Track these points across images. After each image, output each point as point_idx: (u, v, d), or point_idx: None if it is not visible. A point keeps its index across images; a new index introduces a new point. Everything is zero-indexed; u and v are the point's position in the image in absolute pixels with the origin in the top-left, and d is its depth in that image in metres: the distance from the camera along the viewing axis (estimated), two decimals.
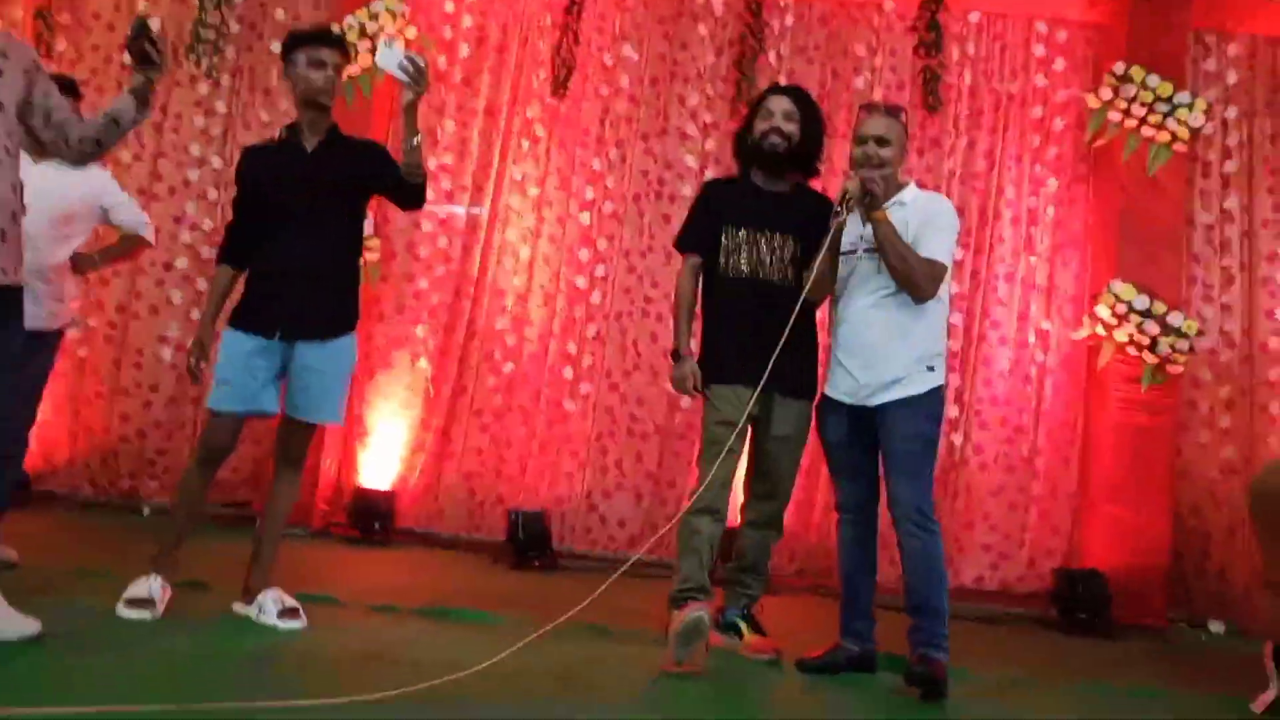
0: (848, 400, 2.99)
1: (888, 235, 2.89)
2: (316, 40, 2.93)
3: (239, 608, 2.84)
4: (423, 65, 2.75)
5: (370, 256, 4.90)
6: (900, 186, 3.05)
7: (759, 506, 3.23)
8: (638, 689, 2.60)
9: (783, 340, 2.89)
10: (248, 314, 2.88)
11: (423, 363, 5.20)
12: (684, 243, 3.32)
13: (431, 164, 5.31)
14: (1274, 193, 5.16)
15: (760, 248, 3.13)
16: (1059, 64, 5.29)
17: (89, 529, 4.46)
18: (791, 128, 3.16)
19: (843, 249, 3.03)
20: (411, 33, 5.17)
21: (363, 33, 5.10)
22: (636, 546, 4.97)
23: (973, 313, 5.15)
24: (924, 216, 2.97)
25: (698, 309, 3.28)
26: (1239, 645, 4.14)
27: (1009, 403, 5.10)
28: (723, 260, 3.17)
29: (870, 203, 2.90)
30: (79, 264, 3.42)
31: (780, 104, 3.19)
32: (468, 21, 5.45)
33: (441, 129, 5.36)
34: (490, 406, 5.17)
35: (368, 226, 4.78)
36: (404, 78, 2.73)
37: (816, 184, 3.45)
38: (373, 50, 4.90)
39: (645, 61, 5.38)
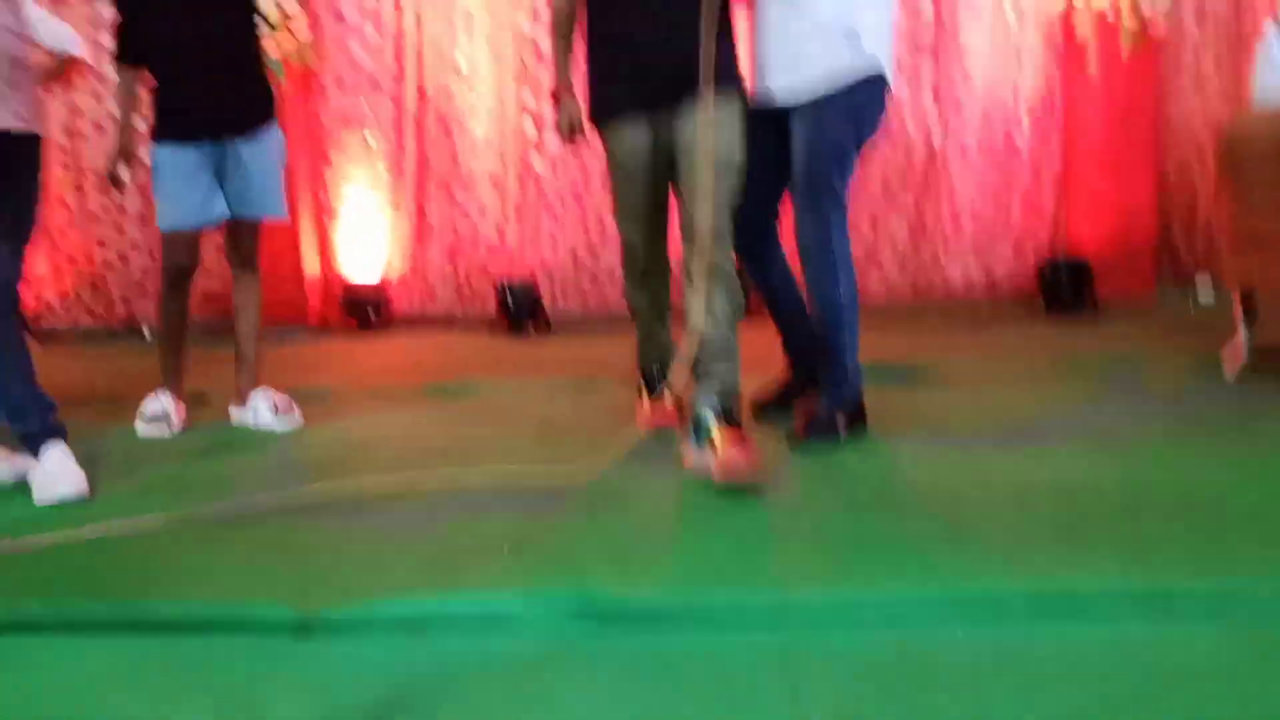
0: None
1: None
2: None
3: (235, 412, 2.92)
4: None
5: (300, 36, 4.62)
6: None
7: (688, 255, 2.31)
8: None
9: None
10: (170, 124, 2.76)
11: (371, 139, 5.00)
12: None
13: None
14: None
15: None
16: None
17: (97, 357, 4.52)
18: None
19: None
20: None
21: None
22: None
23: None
24: None
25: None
26: (1225, 304, 4.19)
27: (988, 86, 4.90)
28: None
29: None
30: None
31: None
32: None
33: None
34: (457, 176, 5.03)
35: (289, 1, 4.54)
36: None
37: None
38: None
39: None
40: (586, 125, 2.36)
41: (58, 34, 3.24)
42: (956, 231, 4.95)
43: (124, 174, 2.86)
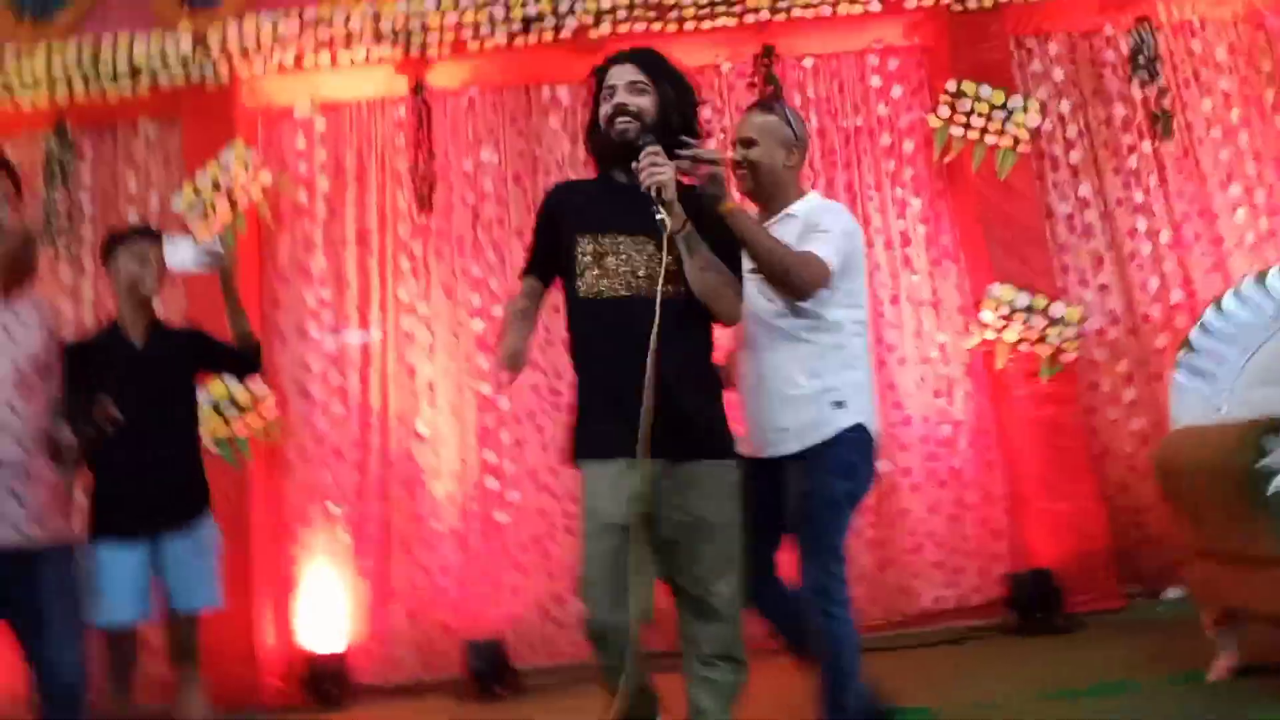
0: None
1: (741, 226, 2.34)
2: (136, 236, 3.03)
3: None
4: (217, 248, 2.92)
5: (267, 415, 4.78)
6: (800, 194, 2.71)
7: (698, 633, 2.26)
8: None
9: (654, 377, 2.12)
10: (105, 522, 2.85)
11: (333, 507, 5.04)
12: (528, 266, 2.50)
13: (310, 300, 5.25)
14: (1120, 172, 5.45)
15: (626, 258, 2.28)
16: (896, 90, 5.50)
17: None
18: (642, 101, 2.34)
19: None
20: (266, 177, 5.12)
21: (216, 186, 5.03)
22: None
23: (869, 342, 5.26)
24: (809, 222, 2.59)
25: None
26: (1194, 609, 4.24)
27: (925, 419, 5.20)
28: (578, 282, 2.32)
29: (713, 194, 2.33)
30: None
31: (622, 74, 2.38)
32: (322, 155, 5.41)
33: (314, 263, 5.29)
34: (419, 536, 5.03)
35: (259, 384, 4.73)
36: (203, 269, 2.91)
37: None
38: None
39: (505, 161, 5.42)
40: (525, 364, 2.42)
41: None
42: (919, 555, 5.01)
43: None
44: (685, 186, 2.32)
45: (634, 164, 2.22)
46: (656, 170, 2.18)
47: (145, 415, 2.81)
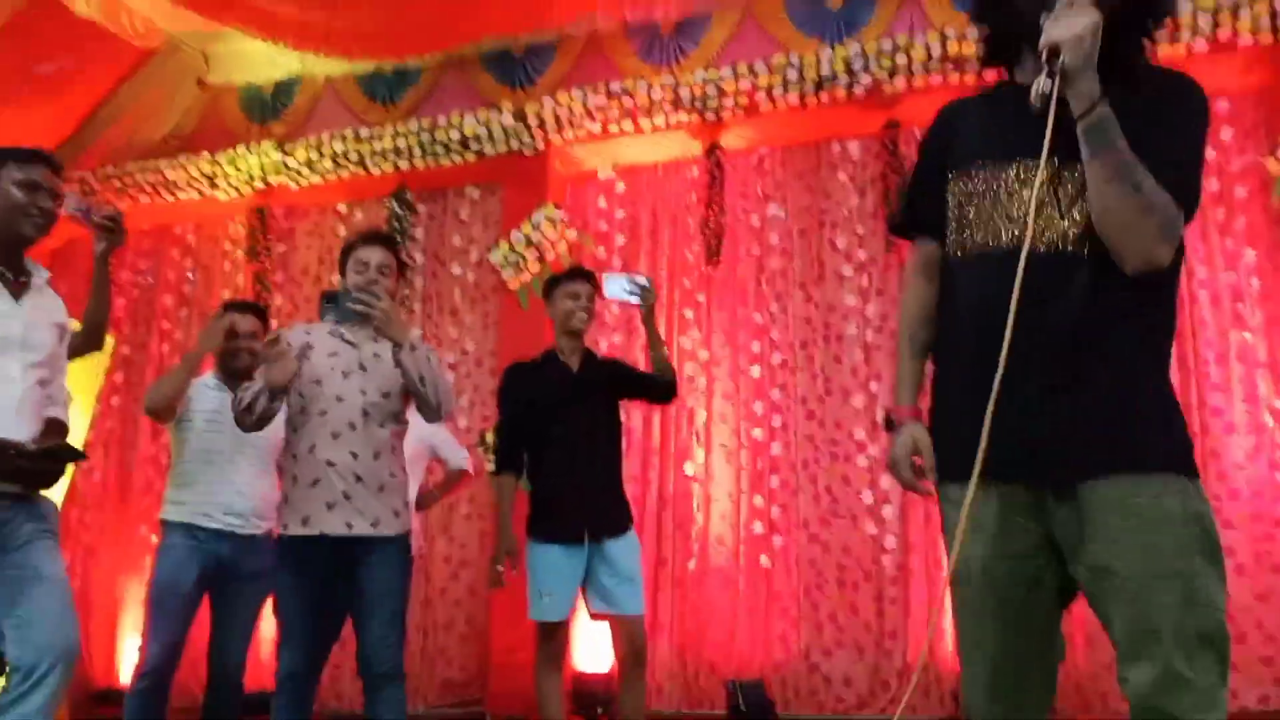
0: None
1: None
2: (572, 277, 3.46)
3: None
4: (644, 283, 3.27)
5: None
6: None
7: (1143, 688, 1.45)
8: None
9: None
10: (550, 525, 3.21)
11: None
12: (900, 221, 1.87)
13: (604, 344, 5.58)
14: None
15: (1017, 195, 1.58)
16: (1226, 133, 5.01)
17: None
18: None
19: None
20: (572, 234, 5.57)
21: (528, 243, 5.54)
22: (865, 707, 4.69)
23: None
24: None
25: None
26: None
27: (1257, 495, 4.56)
28: (953, 233, 1.68)
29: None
30: (422, 501, 3.97)
31: None
32: (620, 213, 5.82)
33: (609, 312, 5.64)
34: (688, 574, 5.12)
35: None
36: (632, 299, 3.28)
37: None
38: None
39: (792, 215, 5.52)
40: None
41: (458, 454, 3.99)
42: (1242, 645, 4.31)
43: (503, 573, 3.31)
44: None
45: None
46: (1070, 28, 1.45)
47: (581, 432, 3.25)
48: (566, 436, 3.20)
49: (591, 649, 5.08)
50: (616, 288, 3.25)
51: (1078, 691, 4.44)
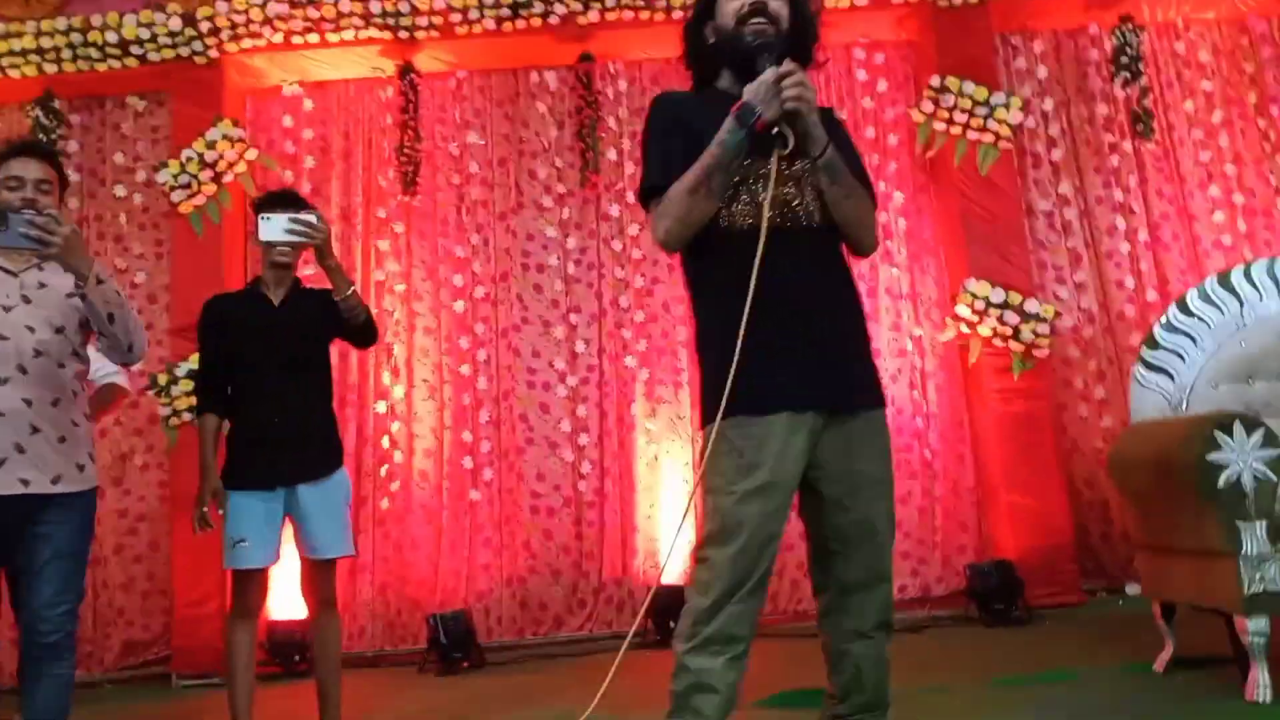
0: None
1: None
2: (281, 202, 3.10)
3: None
4: (313, 218, 2.92)
5: None
6: None
7: (858, 600, 2.05)
8: None
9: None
10: (244, 472, 3.00)
11: None
12: (652, 182, 2.07)
13: None
14: (1100, 171, 5.48)
15: (765, 180, 1.98)
16: (882, 84, 5.54)
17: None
18: (778, 5, 2.10)
19: None
20: (252, 154, 5.17)
21: (202, 162, 5.08)
22: (562, 626, 4.96)
23: None
24: None
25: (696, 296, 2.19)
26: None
27: (900, 410, 5.24)
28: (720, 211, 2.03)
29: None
30: None
31: None
32: (309, 134, 5.48)
33: None
34: (392, 512, 5.10)
35: None
36: (298, 239, 2.90)
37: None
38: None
39: (491, 145, 5.46)
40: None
41: (107, 367, 3.46)
42: None
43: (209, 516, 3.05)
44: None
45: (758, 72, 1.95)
46: (807, 90, 1.94)
47: (283, 372, 3.01)
48: (267, 375, 3.01)
49: (287, 596, 4.95)
50: (276, 228, 2.86)
51: None
